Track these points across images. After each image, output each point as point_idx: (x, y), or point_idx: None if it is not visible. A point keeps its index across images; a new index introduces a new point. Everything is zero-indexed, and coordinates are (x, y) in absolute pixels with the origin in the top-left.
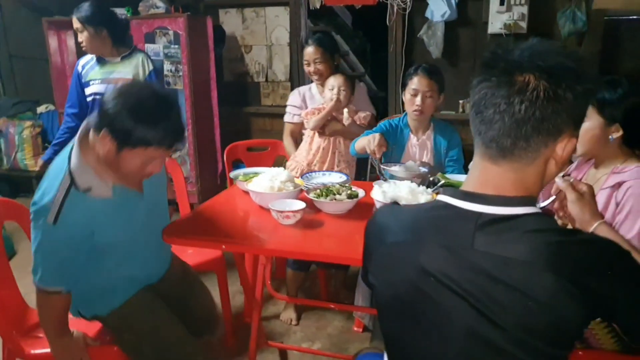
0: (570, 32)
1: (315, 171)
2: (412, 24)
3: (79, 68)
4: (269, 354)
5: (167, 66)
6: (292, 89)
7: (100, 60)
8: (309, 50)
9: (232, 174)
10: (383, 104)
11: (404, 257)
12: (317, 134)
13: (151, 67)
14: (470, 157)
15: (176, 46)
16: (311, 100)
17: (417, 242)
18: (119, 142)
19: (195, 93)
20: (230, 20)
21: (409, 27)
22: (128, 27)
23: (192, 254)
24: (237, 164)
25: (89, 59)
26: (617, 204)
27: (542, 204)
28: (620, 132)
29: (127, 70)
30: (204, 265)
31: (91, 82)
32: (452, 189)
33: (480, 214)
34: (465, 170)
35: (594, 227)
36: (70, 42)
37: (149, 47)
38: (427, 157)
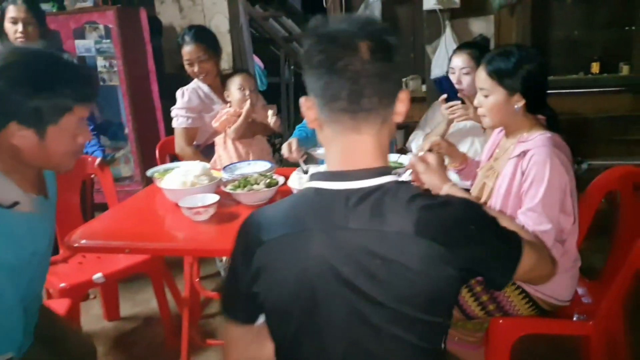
0: (502, 4)
1: (238, 161)
2: (350, 3)
3: None
4: (213, 352)
5: (100, 62)
6: None
7: None
8: (189, 49)
9: (149, 171)
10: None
11: (291, 251)
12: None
13: None
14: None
15: (108, 41)
16: (210, 100)
17: (300, 233)
18: (38, 126)
19: (133, 88)
20: (167, 10)
21: (347, 7)
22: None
23: (123, 257)
24: (175, 159)
25: None
26: (523, 173)
27: (400, 179)
28: (523, 101)
29: None
30: (135, 267)
31: None
32: (321, 172)
33: (349, 192)
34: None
35: (445, 190)
36: None
37: (78, 43)
38: None
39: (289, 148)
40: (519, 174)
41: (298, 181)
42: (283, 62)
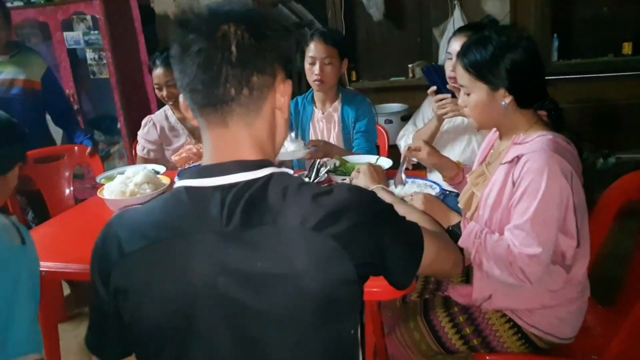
0: None
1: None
2: None
3: None
4: None
5: (89, 54)
6: None
7: None
8: (158, 73)
9: (99, 177)
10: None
11: (156, 265)
12: None
13: (45, 67)
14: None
15: (96, 32)
16: (173, 133)
17: (165, 242)
18: None
19: (124, 80)
20: None
21: None
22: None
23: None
24: None
25: None
26: (514, 183)
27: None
28: (511, 97)
29: (19, 70)
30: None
31: None
32: (192, 168)
33: (223, 188)
34: (375, 148)
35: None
36: None
37: (67, 35)
38: (334, 130)
39: None
40: (509, 183)
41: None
42: (294, 49)
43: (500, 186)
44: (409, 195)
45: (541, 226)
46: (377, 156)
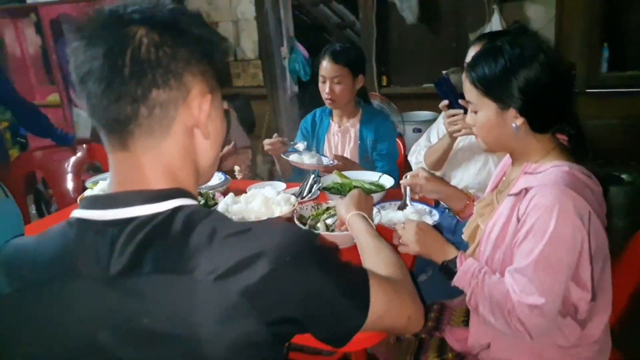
0: None
1: None
2: None
3: None
4: None
5: None
6: (262, 67)
7: None
8: None
9: (88, 181)
10: None
11: (28, 313)
12: None
13: None
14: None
15: None
16: None
17: (43, 286)
18: None
19: None
20: None
21: None
22: None
23: None
24: None
25: None
26: (519, 219)
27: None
28: (522, 119)
29: None
30: None
31: None
32: (90, 196)
33: (117, 223)
34: (397, 168)
35: (347, 218)
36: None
37: None
38: (349, 145)
39: (273, 142)
40: (514, 219)
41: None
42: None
43: (505, 220)
44: (402, 223)
45: (546, 273)
46: (379, 174)
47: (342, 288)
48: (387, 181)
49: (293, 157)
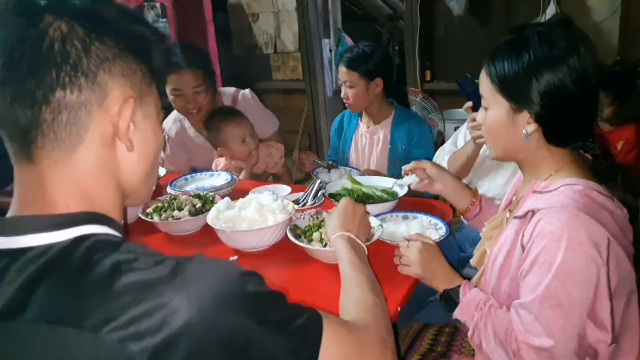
0: None
1: (198, 171)
2: None
3: None
4: None
5: None
6: (302, 60)
7: None
8: (183, 76)
9: None
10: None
11: None
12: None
13: None
14: None
15: (164, 20)
16: (192, 144)
17: None
18: None
19: None
20: None
21: None
22: None
23: None
24: None
25: None
26: (523, 247)
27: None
28: (535, 126)
29: None
30: None
31: None
32: None
33: (8, 254)
34: None
35: (332, 239)
36: None
37: None
38: (377, 148)
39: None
40: (519, 247)
41: (216, 216)
42: (386, 42)
43: (510, 247)
44: (406, 241)
45: (554, 311)
46: (394, 180)
47: (281, 343)
48: (401, 190)
49: (322, 177)
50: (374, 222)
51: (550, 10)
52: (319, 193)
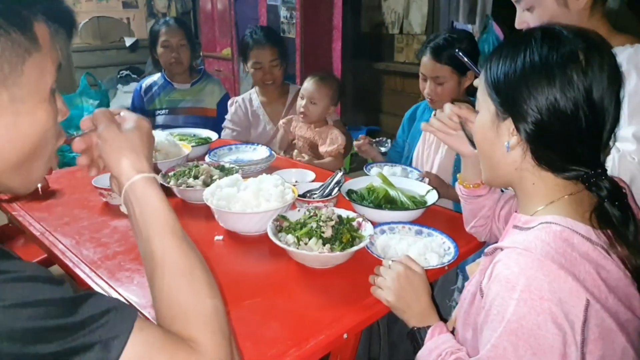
0: None
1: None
2: None
3: (142, 92)
4: None
5: (282, 12)
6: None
7: (168, 86)
8: (262, 50)
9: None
10: None
11: None
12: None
13: (223, 93)
14: None
15: None
16: (255, 117)
17: None
18: None
19: (309, 43)
20: None
21: None
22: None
23: None
24: None
25: (152, 81)
26: (482, 292)
27: None
28: (516, 137)
29: (198, 98)
30: None
31: (157, 113)
32: None
33: None
34: None
35: (131, 181)
36: None
37: None
38: (443, 148)
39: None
40: (479, 291)
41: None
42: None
43: (475, 290)
44: (389, 261)
45: None
46: (429, 188)
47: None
48: (433, 198)
49: (373, 172)
50: (367, 230)
51: None
52: (335, 189)
